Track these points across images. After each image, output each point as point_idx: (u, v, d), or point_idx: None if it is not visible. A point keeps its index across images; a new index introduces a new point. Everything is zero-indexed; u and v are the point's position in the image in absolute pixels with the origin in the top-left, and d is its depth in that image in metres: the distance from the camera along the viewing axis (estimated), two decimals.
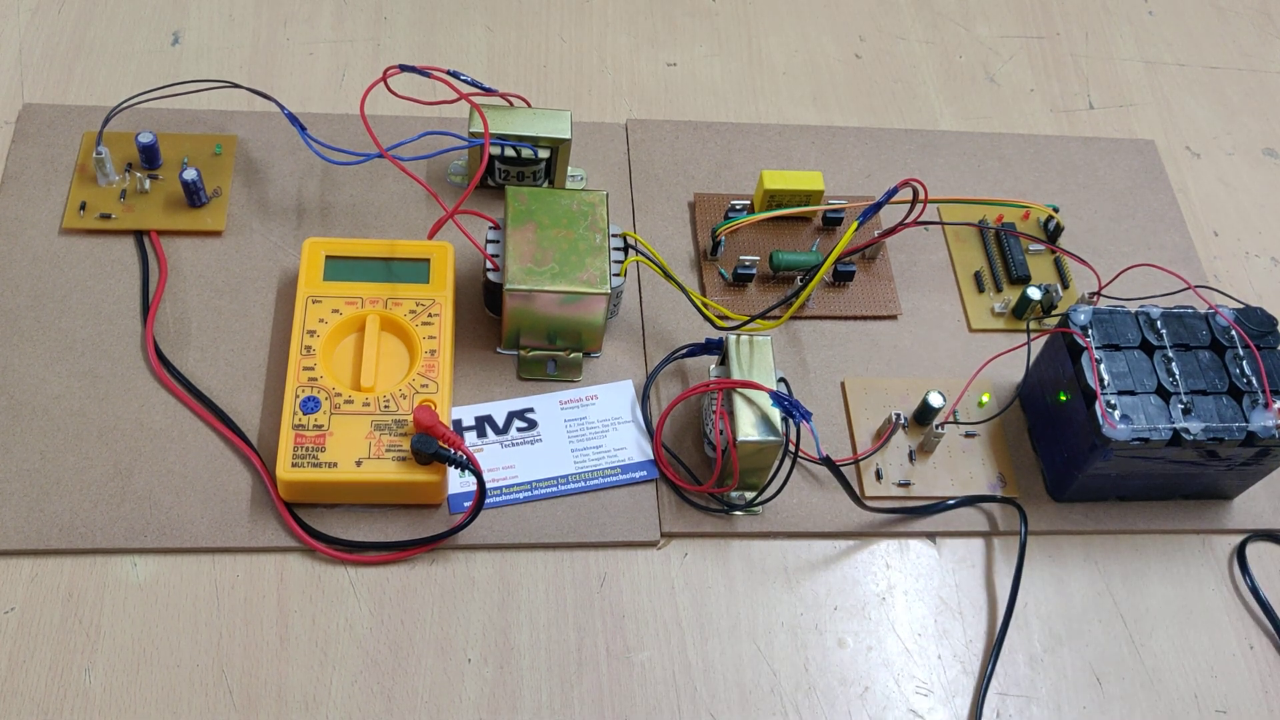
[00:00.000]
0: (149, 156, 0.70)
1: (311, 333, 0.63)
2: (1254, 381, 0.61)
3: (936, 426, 0.65)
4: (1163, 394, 0.61)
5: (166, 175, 0.70)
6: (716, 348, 0.65)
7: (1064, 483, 0.65)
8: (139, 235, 0.69)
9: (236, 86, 0.72)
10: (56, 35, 0.78)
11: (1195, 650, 0.63)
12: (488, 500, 0.60)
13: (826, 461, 0.61)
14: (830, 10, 0.89)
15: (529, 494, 0.62)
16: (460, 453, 0.58)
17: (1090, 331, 0.62)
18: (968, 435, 0.67)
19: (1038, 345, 0.67)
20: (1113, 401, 0.60)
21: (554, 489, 0.63)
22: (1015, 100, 0.85)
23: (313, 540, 0.60)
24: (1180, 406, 0.60)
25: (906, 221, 0.68)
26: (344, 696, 0.56)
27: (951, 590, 0.63)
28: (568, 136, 0.69)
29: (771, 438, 0.59)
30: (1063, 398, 0.63)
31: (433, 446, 0.58)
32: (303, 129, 0.69)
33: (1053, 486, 0.66)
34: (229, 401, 0.63)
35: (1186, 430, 0.59)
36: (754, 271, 0.71)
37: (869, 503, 0.64)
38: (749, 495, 0.63)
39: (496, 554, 0.61)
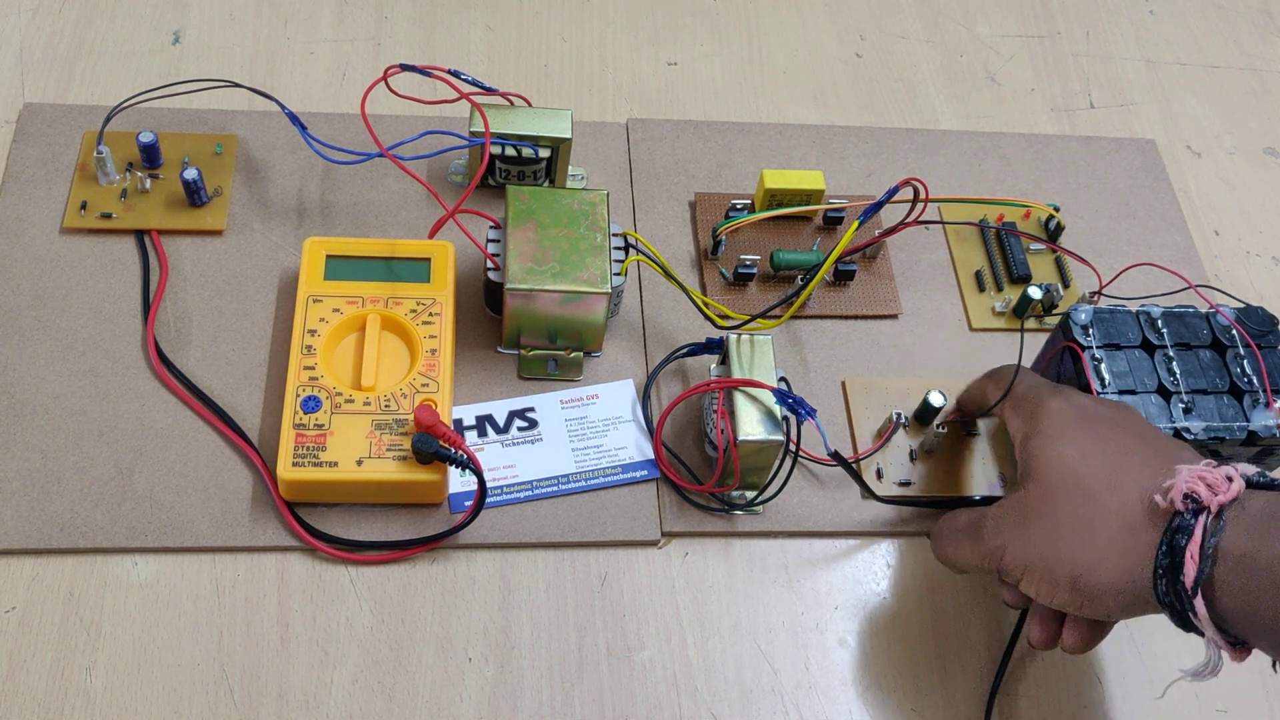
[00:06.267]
0: (150, 156, 0.70)
1: (312, 332, 0.63)
2: (1255, 381, 0.61)
3: (937, 426, 0.65)
4: (1163, 393, 0.61)
5: (167, 174, 0.71)
6: (717, 347, 0.65)
7: None
8: (140, 235, 0.69)
9: (237, 86, 0.72)
10: (57, 35, 0.78)
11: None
12: (488, 499, 0.60)
13: (835, 456, 0.61)
14: (831, 9, 0.89)
15: (529, 493, 0.62)
16: (461, 452, 0.58)
17: (1091, 331, 0.62)
18: (969, 434, 0.67)
19: (1039, 346, 0.67)
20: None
21: (554, 488, 0.63)
22: (1016, 99, 0.85)
23: (313, 539, 0.60)
24: (1181, 406, 0.60)
25: (907, 221, 0.68)
26: (344, 695, 0.56)
27: (953, 589, 0.63)
28: (568, 136, 0.69)
29: (772, 437, 0.59)
30: None
31: (433, 446, 0.58)
32: (303, 128, 0.69)
33: None
34: (230, 401, 0.63)
35: (1187, 429, 0.59)
36: (755, 271, 0.71)
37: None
38: (750, 494, 0.63)
39: (497, 553, 0.61)
